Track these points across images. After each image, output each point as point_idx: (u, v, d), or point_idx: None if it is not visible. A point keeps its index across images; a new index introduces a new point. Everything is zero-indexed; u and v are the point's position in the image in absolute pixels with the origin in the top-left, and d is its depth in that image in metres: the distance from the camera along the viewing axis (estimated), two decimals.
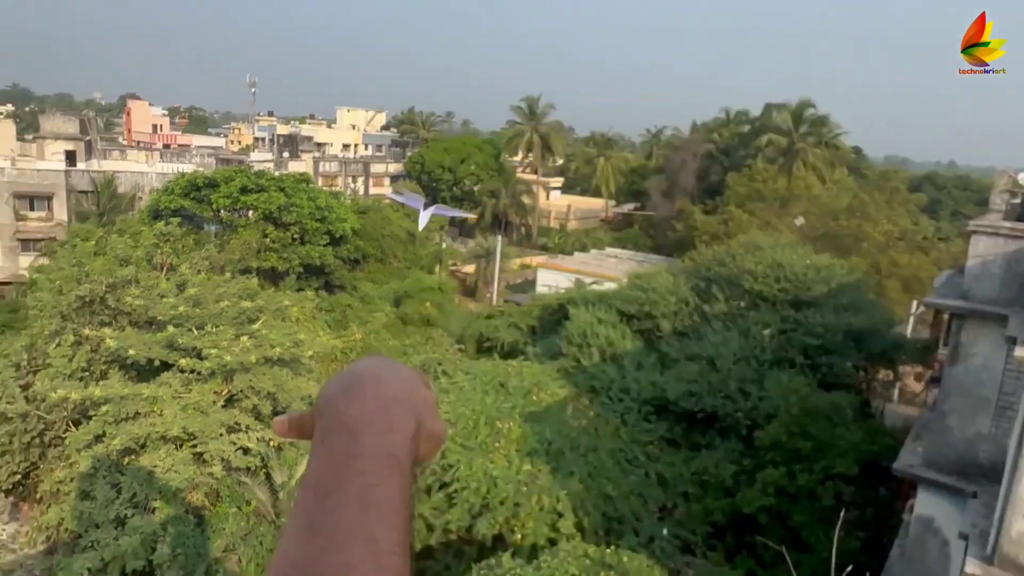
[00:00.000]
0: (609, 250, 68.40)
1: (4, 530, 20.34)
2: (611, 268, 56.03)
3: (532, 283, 62.25)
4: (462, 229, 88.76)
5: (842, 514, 12.34)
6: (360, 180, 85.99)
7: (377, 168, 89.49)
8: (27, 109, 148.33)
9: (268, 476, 19.16)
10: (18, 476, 21.39)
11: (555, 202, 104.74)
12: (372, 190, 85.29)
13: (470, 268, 66.29)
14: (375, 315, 40.35)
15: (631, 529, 18.83)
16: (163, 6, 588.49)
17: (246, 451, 18.98)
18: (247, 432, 19.09)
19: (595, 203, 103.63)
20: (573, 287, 37.25)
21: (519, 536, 18.27)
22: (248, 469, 19.07)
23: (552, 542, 18.27)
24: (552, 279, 52.27)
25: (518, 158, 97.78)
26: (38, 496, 21.31)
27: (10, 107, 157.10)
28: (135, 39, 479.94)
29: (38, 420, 21.13)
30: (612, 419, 22.26)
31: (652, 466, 20.75)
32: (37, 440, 21.33)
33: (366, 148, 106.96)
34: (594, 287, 37.12)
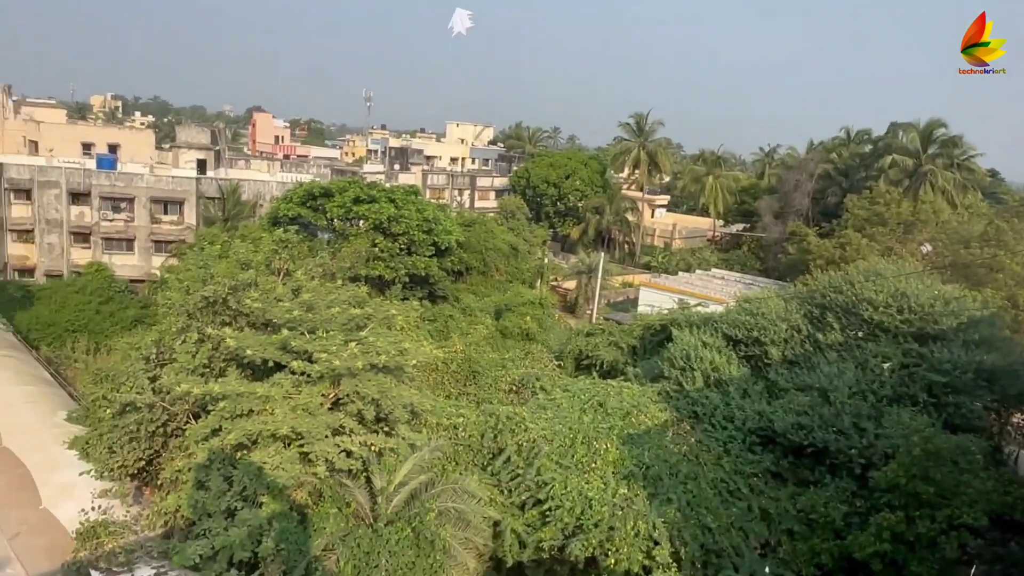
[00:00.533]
0: (715, 271, 66.65)
1: (128, 512, 21.83)
2: (717, 290, 54.57)
3: (634, 302, 61.49)
4: (564, 244, 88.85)
5: (972, 571, 11.39)
6: (466, 193, 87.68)
7: (483, 182, 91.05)
8: (165, 120, 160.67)
9: (368, 480, 19.72)
10: (143, 462, 22.99)
11: (660, 220, 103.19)
12: (478, 203, 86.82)
13: (571, 284, 66.18)
14: (476, 327, 40.90)
15: (730, 564, 18.14)
16: (288, 25, 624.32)
17: (349, 454, 19.61)
18: (351, 435, 19.72)
19: (702, 222, 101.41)
20: (677, 308, 36.46)
21: (612, 560, 17.97)
22: (350, 471, 19.69)
23: (646, 570, 17.86)
24: (655, 298, 51.44)
25: (624, 175, 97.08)
26: (159, 482, 22.82)
27: (151, 118, 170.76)
28: (263, 55, 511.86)
29: (163, 411, 22.66)
30: (714, 447, 21.57)
31: (755, 499, 19.93)
32: (161, 430, 22.87)
33: (473, 162, 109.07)
34: (699, 309, 36.19)
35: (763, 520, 19.39)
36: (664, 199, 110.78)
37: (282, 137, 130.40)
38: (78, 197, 52.25)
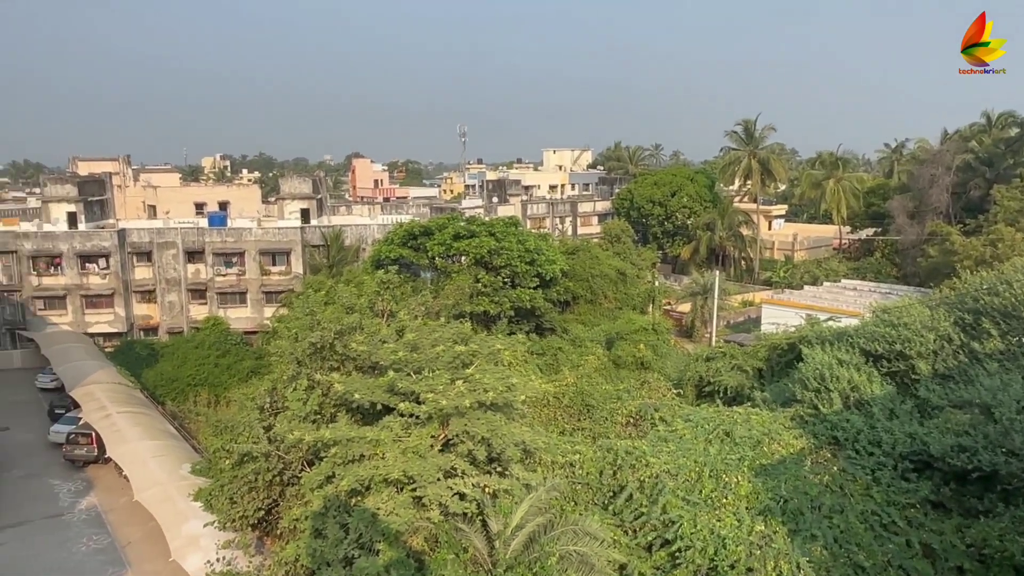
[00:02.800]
0: (846, 282, 63.28)
1: (251, 562, 22.73)
2: (849, 302, 51.74)
3: (756, 321, 59.26)
4: (675, 266, 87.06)
5: None
6: (568, 220, 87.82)
7: (585, 207, 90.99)
8: (270, 174, 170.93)
9: (484, 524, 19.59)
10: (262, 512, 23.93)
11: (778, 232, 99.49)
12: (580, 230, 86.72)
13: (685, 307, 64.62)
14: (587, 358, 40.48)
15: None
16: (381, 71, 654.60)
17: (462, 496, 19.59)
18: (463, 477, 19.72)
19: (825, 230, 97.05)
20: (805, 324, 34.67)
21: None
22: (464, 515, 19.65)
23: None
24: (779, 316, 49.31)
25: (734, 187, 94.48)
26: (278, 531, 23.64)
27: (256, 174, 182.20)
28: (359, 104, 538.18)
29: (278, 459, 23.55)
30: (861, 476, 20.08)
31: (914, 533, 18.33)
32: (278, 478, 23.77)
33: (573, 188, 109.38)
34: (830, 324, 34.29)
35: (926, 557, 17.77)
36: (781, 209, 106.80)
37: (381, 180, 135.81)
38: (193, 255, 56.12)
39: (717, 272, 61.70)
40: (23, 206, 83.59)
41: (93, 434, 34.85)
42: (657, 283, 65.25)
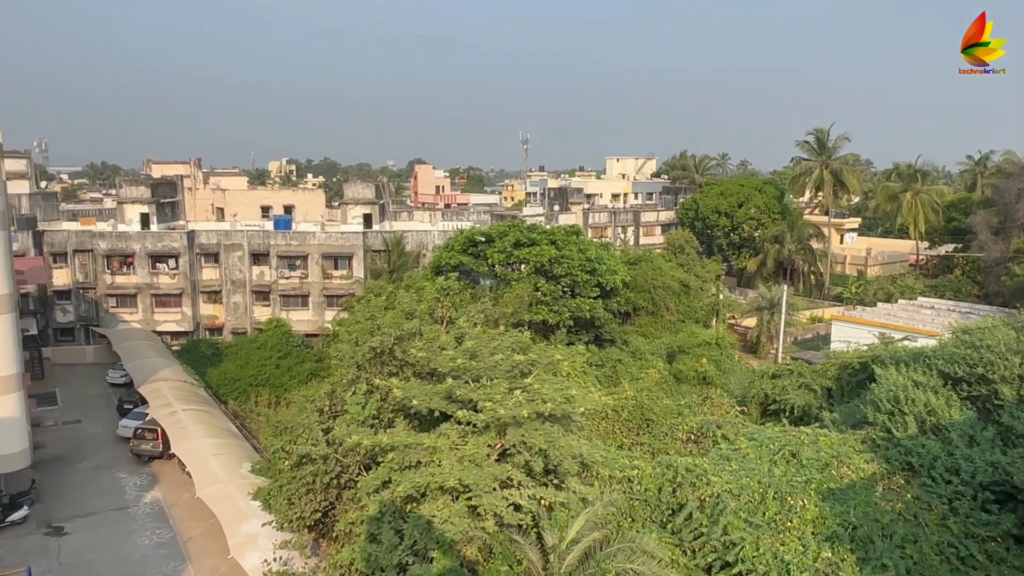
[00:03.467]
0: (922, 300, 61.00)
1: (307, 563, 23.17)
2: (926, 321, 49.91)
3: (825, 338, 57.62)
4: (741, 279, 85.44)
5: None
6: (630, 230, 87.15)
7: (648, 217, 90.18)
8: (334, 179, 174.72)
9: (539, 536, 19.52)
10: (319, 514, 24.37)
11: (851, 246, 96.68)
12: (643, 240, 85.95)
13: (751, 321, 63.30)
14: (647, 371, 40.03)
15: None
16: (444, 77, 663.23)
17: (517, 508, 19.57)
18: (519, 488, 19.71)
19: (901, 245, 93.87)
20: (878, 343, 33.54)
21: None
22: (519, 527, 19.62)
23: None
24: (850, 334, 47.85)
25: (805, 198, 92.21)
26: (334, 534, 24.04)
27: (321, 178, 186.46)
28: (423, 110, 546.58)
29: (336, 462, 23.96)
30: (937, 505, 19.27)
31: (995, 569, 17.50)
32: (335, 481, 24.18)
33: (636, 197, 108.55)
34: (906, 343, 33.09)
35: None
36: (854, 222, 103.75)
37: (442, 187, 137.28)
38: (258, 257, 57.74)
39: (785, 286, 60.28)
40: (100, 206, 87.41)
41: (159, 430, 36.12)
42: (721, 296, 64.12)
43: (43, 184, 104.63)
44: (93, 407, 45.53)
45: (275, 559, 22.89)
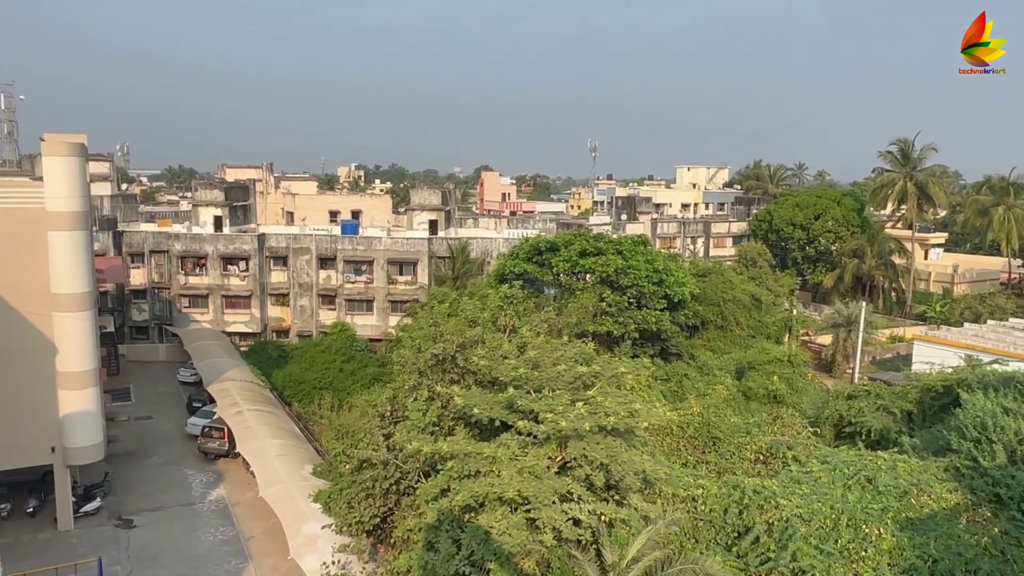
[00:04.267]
0: (1015, 321, 58.04)
1: (364, 568, 23.53)
2: (1018, 344, 47.47)
3: (906, 359, 55.43)
4: (816, 294, 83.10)
5: None
6: (700, 241, 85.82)
7: (719, 228, 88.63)
8: (401, 185, 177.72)
9: (599, 553, 19.33)
10: (378, 519, 24.73)
11: (936, 262, 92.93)
12: (713, 251, 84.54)
13: (826, 339, 61.45)
14: (715, 387, 39.28)
15: None
16: (512, 83, 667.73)
17: (577, 522, 19.43)
18: (579, 503, 19.57)
19: (991, 262, 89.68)
20: (964, 366, 32.13)
21: None
22: (579, 542, 19.47)
23: None
24: (933, 355, 45.89)
25: (887, 211, 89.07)
26: (392, 540, 24.34)
27: (388, 184, 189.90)
28: (491, 116, 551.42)
29: (396, 468, 24.29)
30: None
31: None
32: (394, 487, 24.50)
33: (707, 207, 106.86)
34: (995, 367, 31.58)
35: None
36: (940, 237, 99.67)
37: (508, 194, 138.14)
38: (325, 261, 59.13)
39: (863, 303, 58.32)
40: (176, 209, 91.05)
41: (225, 429, 37.27)
42: (795, 312, 62.49)
43: (124, 186, 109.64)
44: (164, 404, 47.31)
45: (334, 562, 23.31)
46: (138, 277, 57.79)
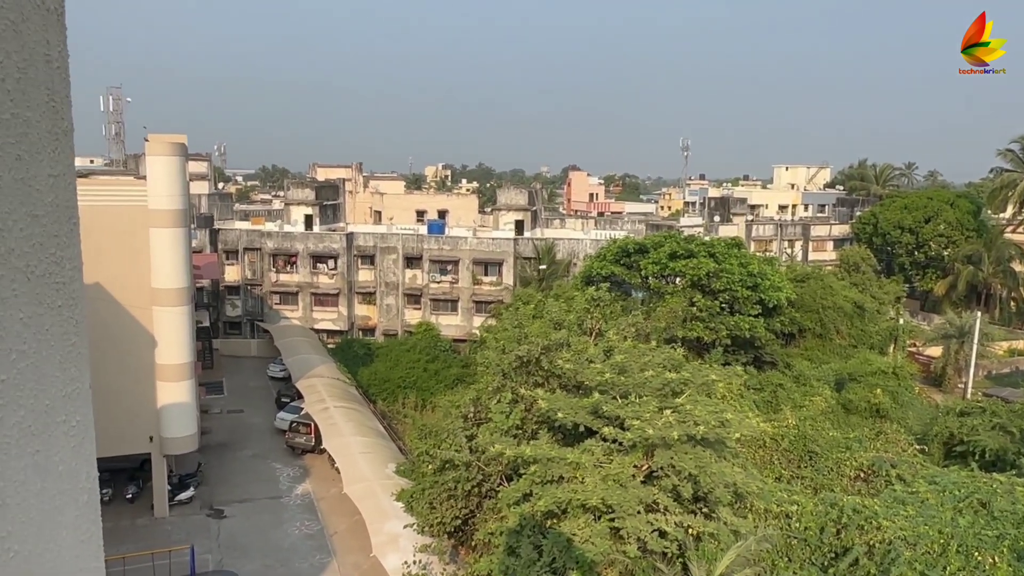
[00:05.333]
0: None
1: (445, 570, 23.87)
2: None
3: None
4: (925, 302, 79.20)
5: None
6: (798, 244, 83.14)
7: (819, 231, 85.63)
8: (488, 184, 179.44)
9: (685, 567, 19.00)
10: (459, 521, 25.04)
11: None
12: (812, 255, 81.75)
13: (935, 351, 58.43)
14: (812, 399, 38.02)
15: None
16: (602, 80, 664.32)
17: (663, 534, 19.16)
18: (665, 514, 19.29)
19: None
20: None
21: None
22: (664, 554, 19.20)
23: None
24: None
25: (1007, 214, 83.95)
26: (473, 543, 24.60)
27: (475, 184, 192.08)
28: (579, 115, 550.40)
29: (478, 470, 24.53)
30: None
31: None
32: (476, 489, 24.76)
33: (806, 209, 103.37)
34: None
35: None
36: None
37: (596, 194, 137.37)
38: (411, 261, 60.31)
39: (978, 313, 55.17)
40: (269, 207, 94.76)
41: (312, 424, 38.51)
42: (901, 321, 59.71)
43: (220, 185, 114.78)
44: (254, 398, 49.29)
45: (415, 562, 23.72)
46: (232, 274, 60.37)
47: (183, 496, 33.24)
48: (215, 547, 29.68)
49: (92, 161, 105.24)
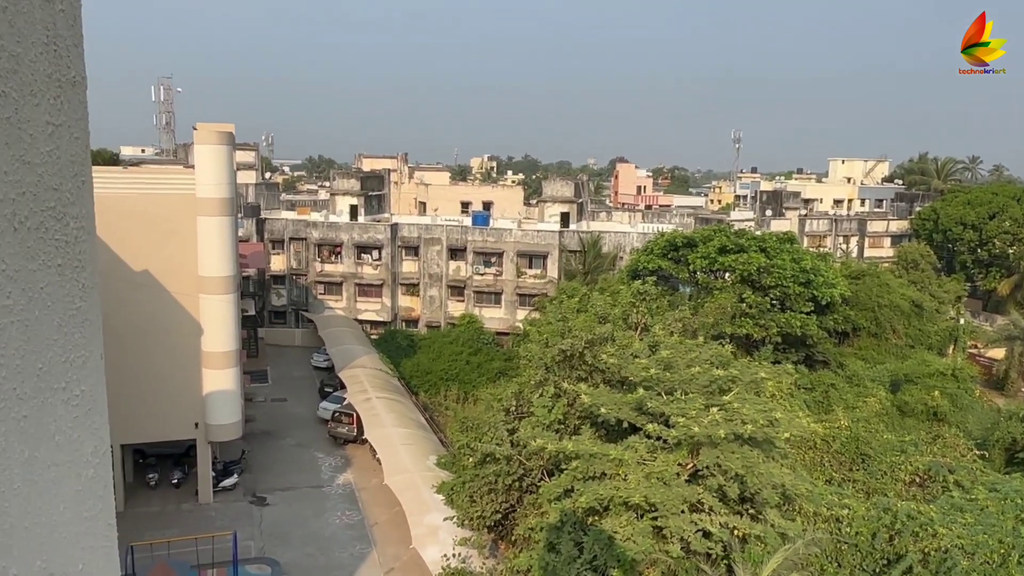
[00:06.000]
0: None
1: (484, 564, 23.90)
2: None
3: None
4: (988, 302, 76.74)
5: None
6: (854, 240, 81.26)
7: (876, 226, 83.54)
8: (534, 176, 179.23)
9: (730, 569, 18.69)
10: (499, 515, 25.04)
11: None
12: (868, 252, 79.84)
13: (998, 352, 56.56)
14: (866, 400, 37.16)
15: None
16: (650, 69, 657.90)
17: (707, 535, 18.87)
18: (710, 514, 19.00)
19: None
20: None
21: None
22: (708, 555, 18.91)
23: None
24: None
25: None
26: (513, 538, 24.58)
27: (521, 175, 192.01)
28: (627, 106, 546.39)
29: (519, 465, 24.49)
30: None
31: None
32: (517, 484, 24.73)
33: (862, 203, 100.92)
34: None
35: None
36: None
37: (644, 187, 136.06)
38: (455, 252, 60.50)
39: None
40: (315, 198, 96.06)
41: (354, 415, 38.92)
42: (962, 321, 57.93)
43: (267, 175, 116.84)
44: (298, 387, 50.03)
45: (454, 555, 23.80)
46: (278, 263, 61.34)
47: (227, 483, 33.89)
48: (257, 534, 30.21)
49: (143, 150, 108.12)
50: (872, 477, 26.52)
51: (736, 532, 18.90)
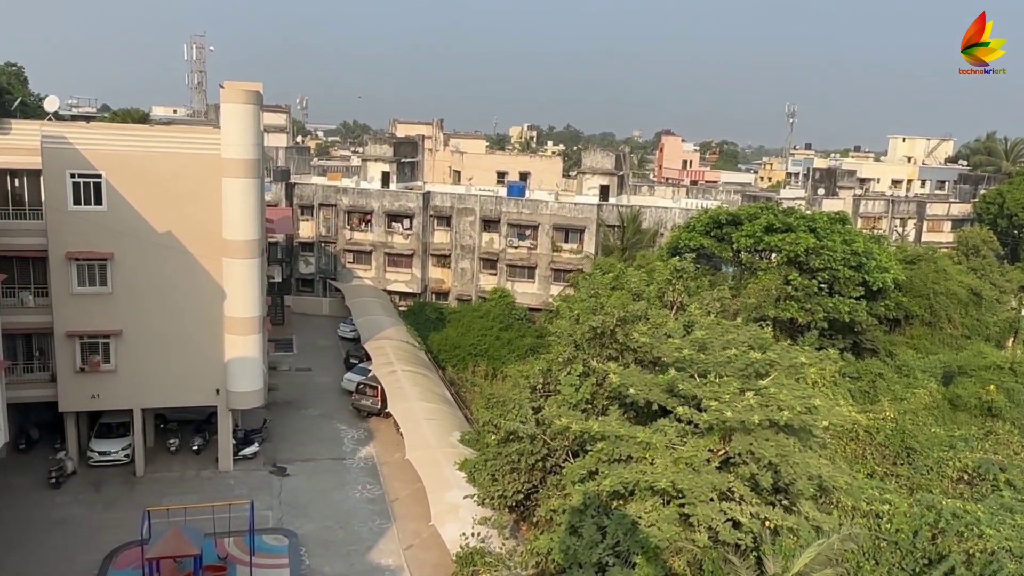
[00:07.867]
0: None
1: (504, 544, 23.95)
2: None
3: None
4: None
5: None
6: (911, 223, 79.41)
7: (936, 209, 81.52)
8: (575, 148, 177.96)
9: (759, 562, 18.47)
10: (521, 495, 25.07)
11: None
12: (926, 236, 78.00)
13: None
14: (915, 391, 36.39)
15: None
16: (703, 38, 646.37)
17: (736, 525, 18.67)
18: (740, 503, 18.78)
19: None
20: None
21: None
22: (737, 546, 18.71)
23: None
24: None
25: None
26: (534, 519, 24.62)
27: (561, 146, 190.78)
28: (676, 77, 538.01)
29: (543, 444, 24.44)
30: None
31: None
32: (540, 464, 24.70)
33: (923, 184, 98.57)
34: None
35: None
36: None
37: (690, 161, 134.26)
38: (489, 224, 60.33)
39: None
40: (347, 164, 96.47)
41: (379, 387, 39.20)
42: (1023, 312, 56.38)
43: (299, 139, 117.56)
44: (323, 357, 50.56)
45: (474, 534, 23.90)
46: (307, 230, 61.76)
47: (247, 451, 34.42)
48: (276, 504, 30.69)
49: (175, 111, 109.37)
50: (917, 472, 26.05)
51: (767, 523, 18.68)
